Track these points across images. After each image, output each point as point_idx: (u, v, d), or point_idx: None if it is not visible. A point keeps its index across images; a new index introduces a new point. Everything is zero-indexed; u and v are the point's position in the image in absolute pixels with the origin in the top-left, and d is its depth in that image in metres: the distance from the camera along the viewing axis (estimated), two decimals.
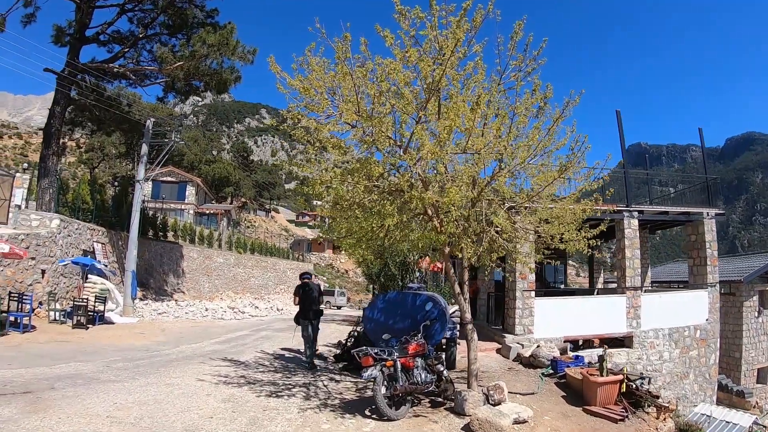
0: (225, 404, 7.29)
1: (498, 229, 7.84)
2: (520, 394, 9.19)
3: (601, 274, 22.62)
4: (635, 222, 15.83)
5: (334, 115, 7.14)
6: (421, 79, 6.95)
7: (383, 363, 7.23)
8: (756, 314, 21.10)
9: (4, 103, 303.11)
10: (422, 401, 8.28)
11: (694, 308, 16.50)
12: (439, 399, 8.24)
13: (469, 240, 7.80)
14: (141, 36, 23.87)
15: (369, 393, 8.00)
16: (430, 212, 7.70)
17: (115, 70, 23.09)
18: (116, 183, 50.71)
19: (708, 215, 17.04)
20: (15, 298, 13.78)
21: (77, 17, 21.84)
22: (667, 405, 8.79)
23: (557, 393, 9.49)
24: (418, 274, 22.63)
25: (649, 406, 8.76)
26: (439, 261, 10.17)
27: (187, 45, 22.44)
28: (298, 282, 11.53)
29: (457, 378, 9.84)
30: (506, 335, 14.09)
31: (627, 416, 8.18)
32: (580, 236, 8.21)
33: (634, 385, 9.18)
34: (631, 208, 15.66)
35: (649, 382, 9.75)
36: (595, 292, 20.24)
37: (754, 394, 18.98)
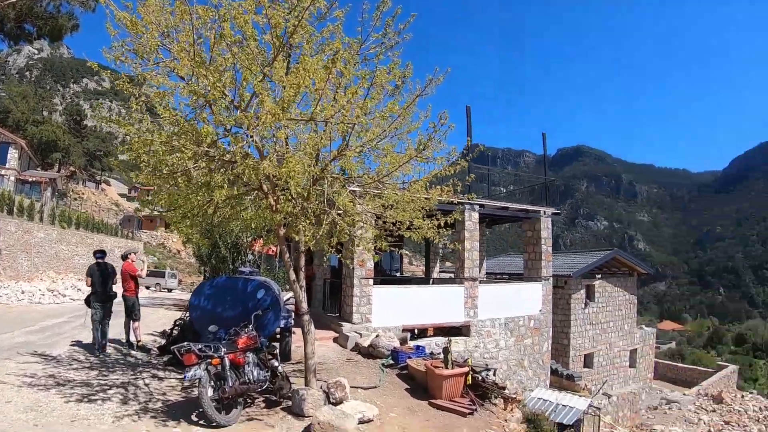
0: (26, 415, 5.92)
1: (340, 211, 7.07)
2: (362, 388, 8.63)
3: (437, 264, 23.26)
4: (476, 215, 16.12)
5: (163, 64, 5.93)
6: (271, 31, 5.97)
7: (209, 361, 6.28)
8: (583, 306, 23.04)
9: None
10: (256, 400, 7.42)
11: (528, 299, 17.37)
12: (274, 397, 7.40)
13: (307, 222, 6.92)
14: None
15: (196, 392, 6.94)
16: (265, 188, 6.79)
17: None
18: None
19: (545, 214, 18.00)
20: None
21: None
22: (513, 396, 8.83)
23: (400, 386, 9.10)
24: (250, 257, 21.50)
25: (495, 397, 8.71)
26: (274, 244, 9.28)
27: None
28: (93, 261, 10.32)
29: (293, 371, 9.14)
30: (344, 324, 13.57)
31: (476, 409, 8.01)
32: (430, 224, 7.81)
33: (479, 377, 9.07)
34: (473, 201, 15.85)
35: (494, 374, 9.80)
36: (431, 282, 20.75)
37: (582, 378, 20.67)
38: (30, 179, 50.55)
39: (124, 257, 11.04)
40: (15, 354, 9.41)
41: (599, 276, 24.49)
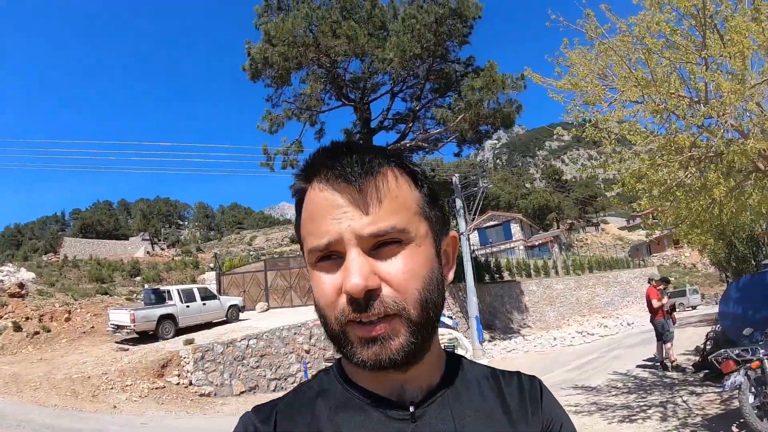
0: None
1: None
2: None
3: None
4: None
5: (614, 100, 6.48)
6: (685, 18, 5.91)
7: (748, 365, 5.81)
8: None
9: None
10: None
11: None
12: None
13: None
14: (418, 108, 26.05)
15: (736, 402, 6.53)
16: (762, 166, 6.17)
17: (409, 145, 25.56)
18: None
19: None
20: None
21: (358, 116, 25.15)
22: None
23: None
24: None
25: None
26: None
27: (461, 98, 23.60)
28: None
29: None
30: None
31: None
32: None
33: None
34: None
35: None
36: None
37: None
38: (536, 243, 57.26)
39: (649, 281, 11.57)
40: (557, 389, 10.58)
41: None
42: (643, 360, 13.00)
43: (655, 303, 11.16)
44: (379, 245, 0.68)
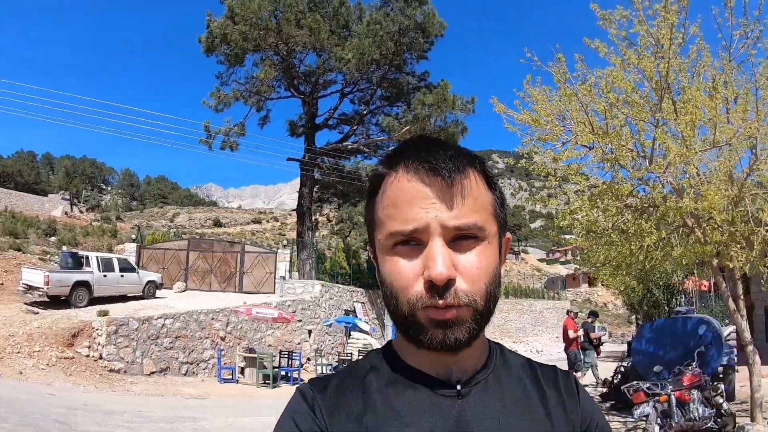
0: None
1: None
2: None
3: None
4: None
5: (569, 141, 7.00)
6: (647, 80, 6.59)
7: (656, 399, 6.50)
8: None
9: (258, 194, 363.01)
10: None
11: None
12: None
13: (737, 246, 6.73)
14: (365, 113, 26.31)
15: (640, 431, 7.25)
16: (690, 222, 6.92)
17: (350, 147, 25.72)
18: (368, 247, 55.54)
19: None
20: (285, 356, 15.60)
21: (305, 110, 25.11)
22: None
23: None
24: (683, 297, 20.13)
25: None
26: (706, 278, 8.95)
27: (409, 111, 23.99)
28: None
29: (738, 411, 8.44)
30: None
31: None
32: None
33: None
34: None
35: None
36: None
37: None
38: None
39: (568, 312, 12.22)
40: None
41: None
42: None
43: (572, 334, 11.87)
44: (457, 238, 0.72)
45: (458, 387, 0.77)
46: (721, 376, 9.73)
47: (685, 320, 9.03)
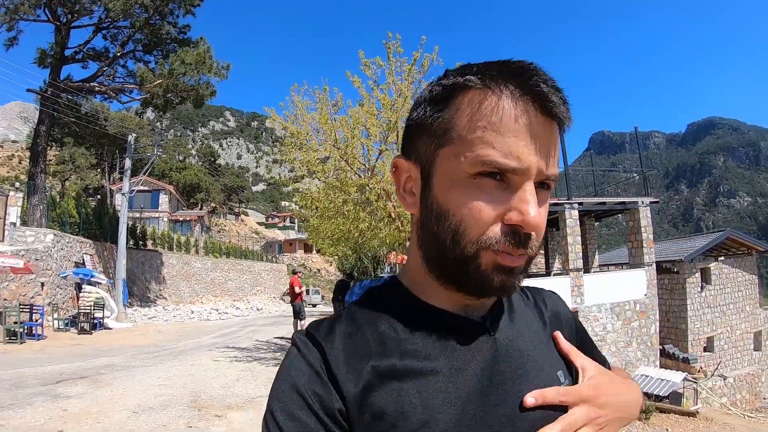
0: (244, 372, 9.38)
1: None
2: None
3: (556, 259, 24.79)
4: (575, 212, 18.09)
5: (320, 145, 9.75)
6: (383, 120, 9.32)
7: None
8: (699, 289, 23.20)
9: None
10: None
11: (633, 285, 18.84)
12: None
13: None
14: (118, 54, 24.91)
15: None
16: (392, 215, 9.91)
17: (96, 89, 24.27)
18: (90, 194, 51.11)
19: (643, 203, 19.31)
20: (26, 310, 15.06)
21: (57, 39, 22.78)
22: None
23: None
24: (387, 267, 24.73)
25: None
26: (403, 254, 12.68)
27: (165, 62, 23.66)
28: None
29: None
30: None
31: None
32: None
33: None
34: (572, 201, 17.93)
35: None
36: (552, 275, 22.39)
37: (698, 361, 21.20)
38: (180, 218, 57.81)
39: (294, 272, 14.62)
40: (214, 348, 13.35)
41: (716, 258, 24.57)
42: (278, 335, 16.16)
43: (297, 290, 14.39)
44: (538, 186, 0.67)
45: (487, 324, 0.75)
46: None
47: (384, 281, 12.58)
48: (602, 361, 0.91)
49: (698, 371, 20.60)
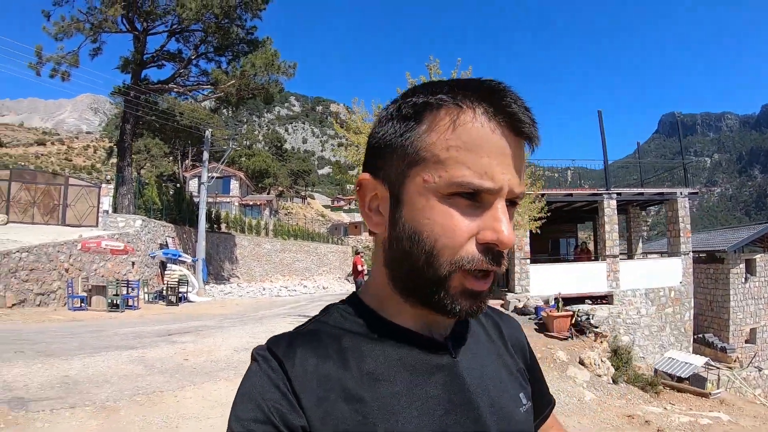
0: None
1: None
2: None
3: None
4: (613, 202, 18.92)
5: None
6: None
7: None
8: (743, 280, 23.13)
9: (36, 108, 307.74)
10: None
11: (669, 273, 19.47)
12: None
13: None
14: (192, 57, 27.30)
15: None
16: None
17: (175, 90, 26.79)
18: (164, 180, 54.62)
19: (681, 194, 19.83)
20: (124, 285, 17.45)
21: (135, 46, 25.32)
22: (602, 332, 12.45)
23: (532, 327, 12.95)
24: None
25: (589, 333, 12.32)
26: None
27: (236, 63, 25.86)
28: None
29: None
30: (509, 293, 17.87)
31: (570, 336, 11.85)
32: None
33: (580, 319, 12.88)
34: (610, 191, 18.83)
35: (591, 318, 13.34)
36: (599, 260, 23.13)
37: (736, 350, 21.33)
38: (250, 203, 60.80)
39: (357, 252, 16.23)
40: (288, 316, 15.30)
41: (765, 249, 24.35)
42: None
43: (359, 267, 15.99)
44: (507, 204, 0.67)
45: (449, 345, 0.75)
46: None
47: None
48: (546, 394, 0.98)
49: (734, 361, 20.89)
